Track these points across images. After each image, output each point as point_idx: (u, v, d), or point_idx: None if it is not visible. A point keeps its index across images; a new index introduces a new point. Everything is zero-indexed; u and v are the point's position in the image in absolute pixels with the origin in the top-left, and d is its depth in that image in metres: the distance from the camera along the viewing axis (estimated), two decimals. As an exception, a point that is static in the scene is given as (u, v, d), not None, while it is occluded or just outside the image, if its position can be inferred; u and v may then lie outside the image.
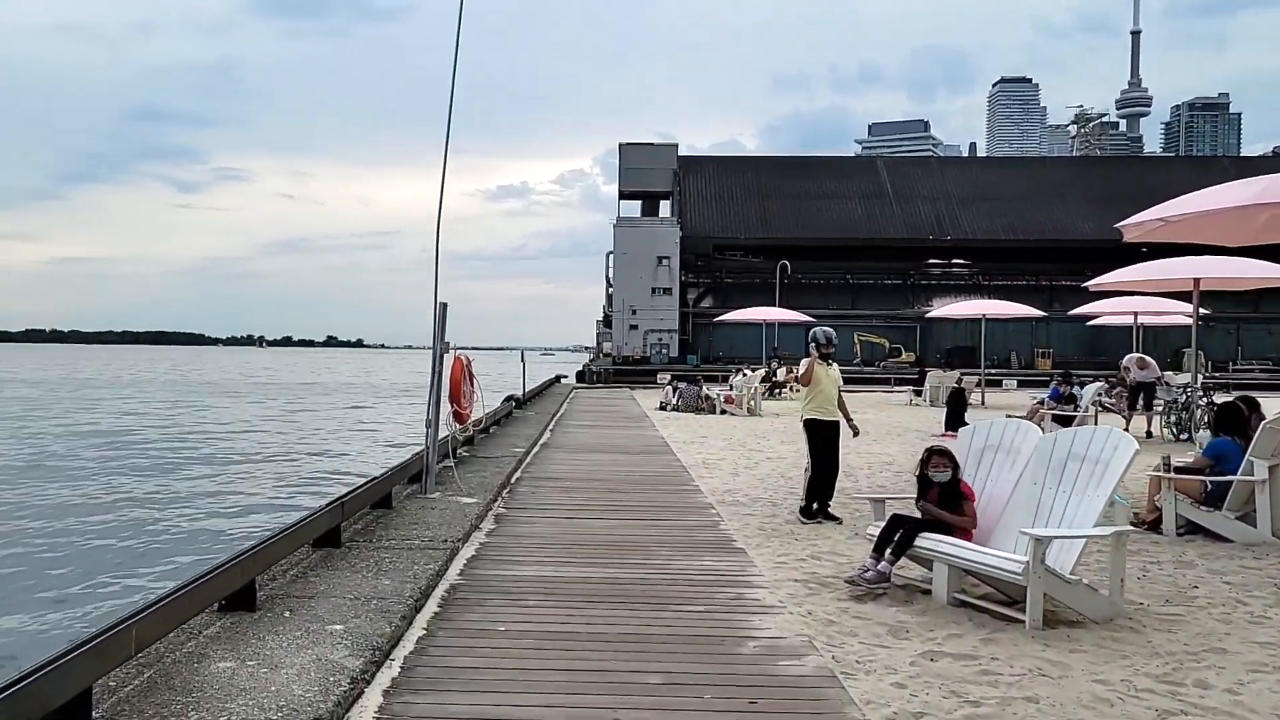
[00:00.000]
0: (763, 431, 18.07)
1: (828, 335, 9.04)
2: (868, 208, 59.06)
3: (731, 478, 11.85)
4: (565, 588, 6.30)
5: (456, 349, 9.40)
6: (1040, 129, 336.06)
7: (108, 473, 20.37)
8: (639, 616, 5.68)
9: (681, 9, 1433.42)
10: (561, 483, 11.07)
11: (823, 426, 8.96)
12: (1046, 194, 60.11)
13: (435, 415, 9.16)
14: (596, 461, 13.11)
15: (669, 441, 15.85)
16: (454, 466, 10.09)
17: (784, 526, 8.69)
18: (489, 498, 9.26)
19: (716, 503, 9.91)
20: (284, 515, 13.86)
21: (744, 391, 21.87)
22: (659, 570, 6.86)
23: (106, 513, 15.35)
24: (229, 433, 30.74)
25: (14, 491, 17.62)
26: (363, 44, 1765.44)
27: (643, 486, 10.95)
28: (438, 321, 9.18)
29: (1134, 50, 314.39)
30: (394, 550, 6.82)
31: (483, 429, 10.16)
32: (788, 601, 6.10)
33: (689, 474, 12.03)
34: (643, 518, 8.95)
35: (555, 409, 22.30)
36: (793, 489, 10.99)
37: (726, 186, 58.94)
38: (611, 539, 7.89)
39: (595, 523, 8.62)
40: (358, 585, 5.85)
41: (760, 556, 7.37)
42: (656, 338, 52.56)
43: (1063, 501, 5.91)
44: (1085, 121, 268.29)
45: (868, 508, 9.71)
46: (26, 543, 13.00)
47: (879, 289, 58.52)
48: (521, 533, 8.08)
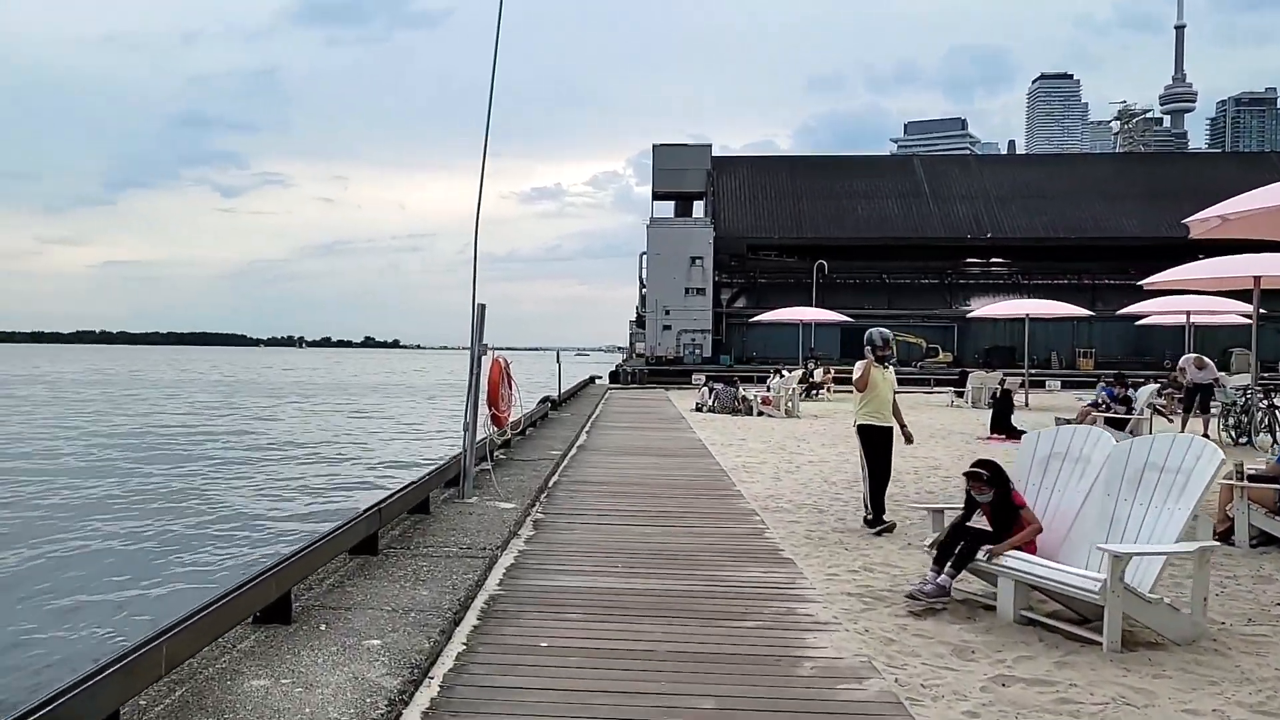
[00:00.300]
0: (802, 434, 17.71)
1: (884, 336, 8.64)
2: (904, 207, 58.28)
3: (773, 482, 11.53)
4: (608, 600, 6.04)
5: (494, 350, 9.19)
6: (1082, 126, 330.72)
7: (134, 475, 20.34)
8: (687, 632, 5.40)
9: (715, 10, 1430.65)
10: (600, 487, 10.82)
11: (877, 432, 8.60)
12: (1088, 191, 58.92)
13: (473, 418, 8.94)
14: (634, 464, 12.84)
15: (706, 444, 15.55)
16: (491, 470, 9.88)
17: (831, 535, 8.37)
18: (527, 502, 9.03)
19: (760, 509, 9.60)
20: (320, 521, 13.72)
21: (781, 393, 21.51)
22: (705, 581, 6.57)
23: (137, 518, 15.22)
24: (268, 434, 30.78)
25: (56, 492, 17.69)
26: (399, 50, 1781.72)
27: (683, 491, 10.67)
28: (476, 322, 8.97)
29: (1178, 45, 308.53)
30: (432, 558, 6.60)
31: (519, 431, 9.97)
32: (842, 617, 5.80)
33: (729, 478, 11.73)
34: (684, 524, 8.67)
35: (591, 410, 22.09)
36: (838, 495, 10.67)
37: (760, 186, 58.46)
38: (653, 547, 7.62)
39: (636, 529, 8.36)
40: (395, 596, 5.63)
41: (810, 567, 7.07)
42: (690, 338, 52.23)
43: (1140, 514, 5.55)
44: (1129, 118, 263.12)
45: (918, 516, 9.40)
46: (58, 548, 12.88)
47: (916, 289, 57.80)
48: (561, 540, 7.83)
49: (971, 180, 60.46)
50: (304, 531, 12.90)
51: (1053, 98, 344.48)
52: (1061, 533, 6.03)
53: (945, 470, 12.71)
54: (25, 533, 13.90)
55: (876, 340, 8.60)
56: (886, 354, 8.62)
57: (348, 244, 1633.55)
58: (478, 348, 8.91)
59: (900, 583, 6.68)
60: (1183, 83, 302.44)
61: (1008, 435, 17.01)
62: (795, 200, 57.69)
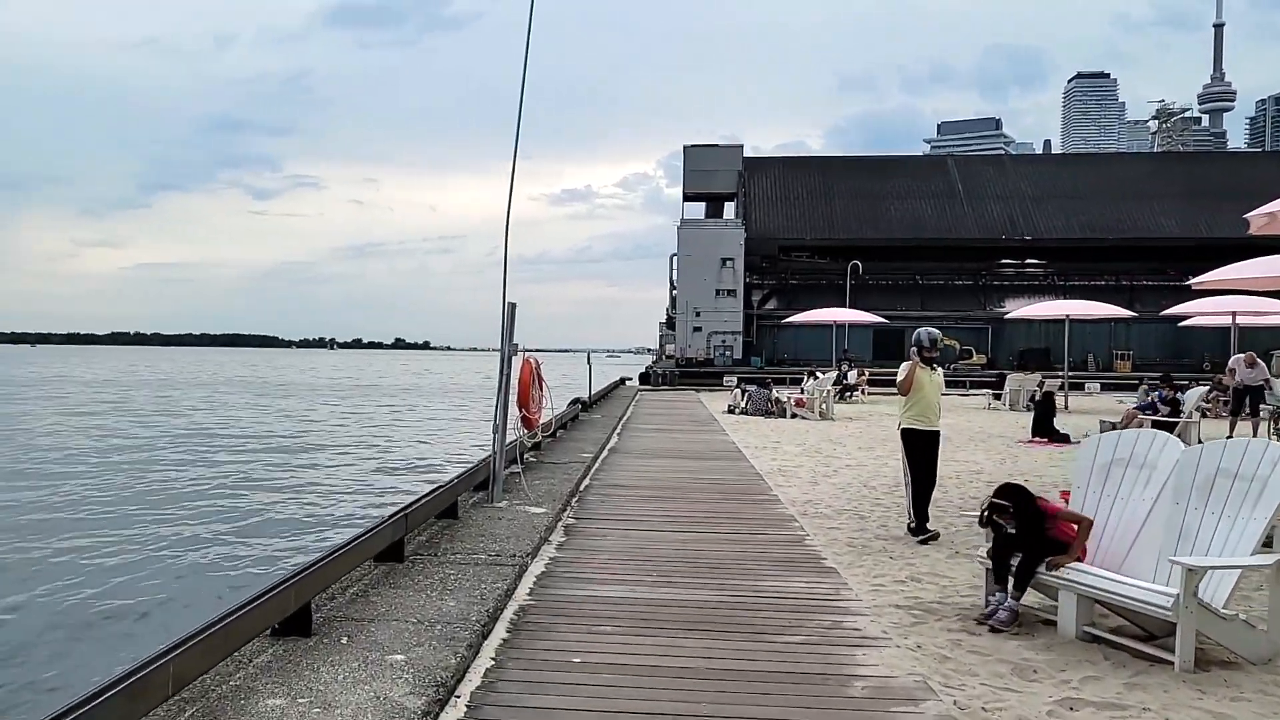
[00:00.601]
0: (838, 436, 17.33)
1: (932, 337, 8.24)
2: (937, 207, 57.55)
3: (811, 486, 11.18)
4: (643, 611, 5.75)
5: (524, 350, 8.94)
6: (1118, 125, 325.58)
7: (170, 472, 20.37)
8: (728, 648, 5.09)
9: (746, 10, 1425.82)
10: (632, 490, 10.53)
11: (922, 437, 8.23)
12: (1126, 191, 57.95)
13: (503, 420, 8.69)
14: (667, 467, 12.54)
15: (740, 446, 15.22)
16: (521, 473, 9.62)
17: (875, 543, 8.02)
18: (558, 507, 8.77)
19: (798, 514, 9.27)
20: (345, 526, 13.47)
21: (816, 395, 21.10)
22: (745, 592, 6.26)
23: (156, 524, 14.97)
24: (296, 434, 30.70)
25: (71, 491, 17.66)
26: (431, 53, 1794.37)
27: (717, 495, 10.36)
28: (506, 322, 8.72)
29: (1217, 43, 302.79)
30: (460, 566, 6.34)
31: (550, 433, 9.73)
32: (892, 632, 5.47)
33: (765, 482, 11.40)
34: (721, 531, 8.36)
35: (621, 412, 21.81)
36: (879, 500, 10.32)
37: (792, 187, 57.94)
38: (689, 555, 7.32)
39: (670, 535, 8.06)
40: (421, 607, 5.37)
41: (854, 577, 6.74)
42: (720, 340, 51.85)
43: (1211, 524, 5.17)
44: (1167, 117, 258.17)
45: (963, 523, 9.02)
46: (71, 553, 12.59)
47: (949, 290, 57.00)
48: (593, 547, 7.55)
49: (1006, 180, 59.61)
50: (327, 536, 12.70)
51: (1089, 97, 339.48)
52: (1125, 544, 5.66)
53: (988, 475, 12.29)
54: (38, 532, 13.77)
55: (924, 341, 8.21)
56: (934, 356, 8.24)
57: (379, 246, 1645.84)
58: (508, 348, 8.66)
59: (950, 594, 6.34)
60: (1221, 81, 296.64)
61: (1050, 439, 16.53)
62: (827, 201, 57.13)
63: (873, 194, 57.41)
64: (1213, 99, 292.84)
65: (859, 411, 23.78)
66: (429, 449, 26.84)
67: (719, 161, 55.68)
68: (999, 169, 63.34)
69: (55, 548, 12.74)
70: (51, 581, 10.89)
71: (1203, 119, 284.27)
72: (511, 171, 8.69)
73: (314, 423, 36.23)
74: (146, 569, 11.64)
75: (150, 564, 11.87)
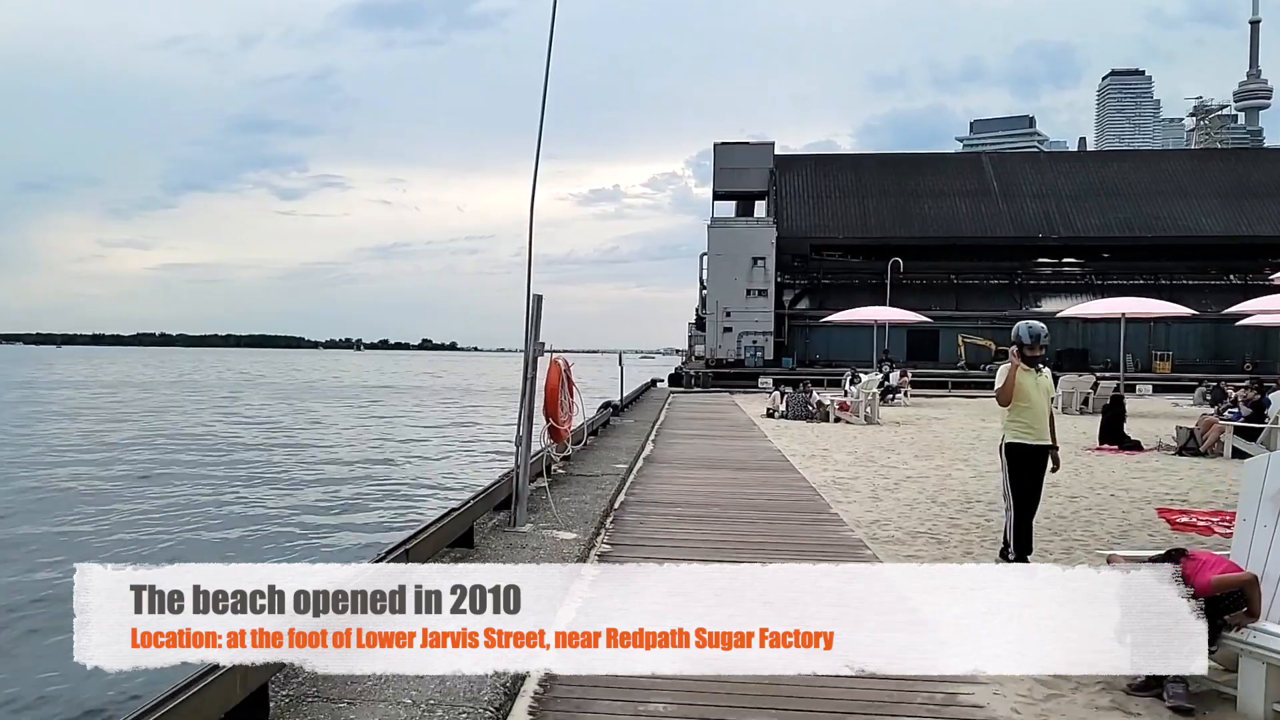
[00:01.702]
0: (889, 444, 15.93)
1: (1034, 333, 6.77)
2: (972, 205, 55.82)
3: (873, 503, 9.83)
4: (703, 683, 4.45)
5: (551, 351, 7.68)
6: (1154, 123, 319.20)
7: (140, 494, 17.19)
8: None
9: (775, 9, 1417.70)
10: (674, 509, 9.22)
11: (1032, 453, 6.80)
12: (1165, 189, 56.03)
13: (527, 431, 7.44)
14: (709, 480, 11.23)
15: (786, 454, 13.88)
16: (548, 490, 8.36)
17: (967, 578, 6.67)
18: (590, 531, 7.49)
19: (867, 539, 7.93)
20: (335, 558, 11.38)
21: (861, 398, 19.68)
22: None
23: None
24: (306, 442, 28.10)
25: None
26: (457, 52, 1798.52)
27: (771, 515, 9.02)
28: (531, 317, 7.47)
29: (1253, 40, 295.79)
30: (472, 614, 5.08)
31: (580, 442, 8.51)
32: (1026, 712, 4.15)
33: (822, 497, 10.06)
34: (782, 559, 7.04)
35: (655, 416, 20.50)
36: (954, 520, 8.94)
37: (824, 185, 56.38)
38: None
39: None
40: (418, 680, 4.12)
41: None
42: (751, 340, 50.45)
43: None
44: (1205, 114, 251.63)
45: (1059, 548, 7.66)
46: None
47: (985, 289, 55.21)
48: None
49: (1043, 178, 57.72)
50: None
51: (1124, 95, 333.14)
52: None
53: (1066, 489, 10.88)
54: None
55: (1024, 337, 6.73)
56: (1038, 355, 6.77)
57: (405, 246, 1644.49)
58: (533, 347, 7.41)
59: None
60: (1258, 78, 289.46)
61: (1120, 446, 15.04)
62: (860, 199, 55.54)
63: (906, 192, 55.78)
64: (1249, 96, 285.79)
65: (904, 415, 22.33)
66: (449, 463, 23.68)
67: (749, 159, 54.24)
68: (1035, 166, 61.43)
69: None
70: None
71: (1239, 116, 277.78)
72: (536, 154, 7.46)
73: (328, 429, 33.47)
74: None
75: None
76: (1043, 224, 54.60)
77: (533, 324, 7.49)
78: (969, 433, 18.26)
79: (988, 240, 53.62)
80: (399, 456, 23.98)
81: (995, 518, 8.74)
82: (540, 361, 7.50)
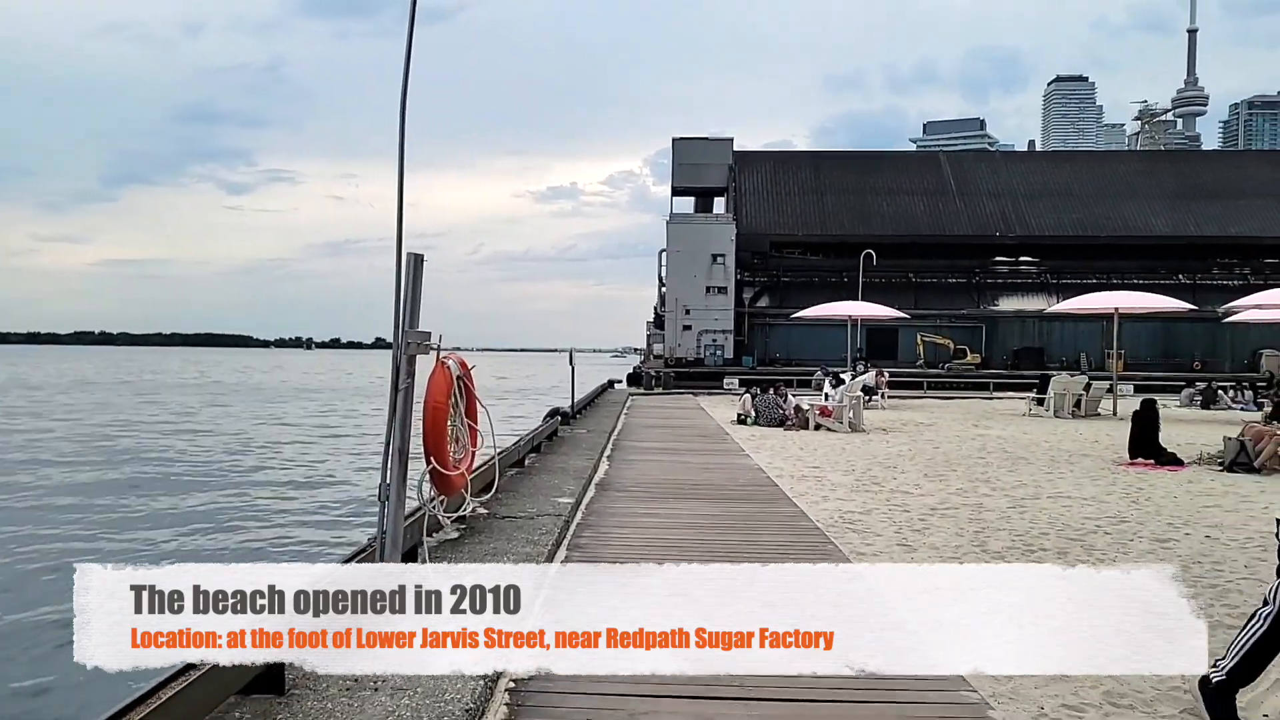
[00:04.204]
0: (886, 458, 13.02)
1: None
2: (930, 204, 53.76)
3: (906, 555, 6.88)
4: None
5: (440, 348, 4.60)
6: (1096, 128, 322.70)
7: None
8: None
9: (734, 10, 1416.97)
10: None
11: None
12: (1116, 189, 54.85)
13: (397, 477, 4.36)
14: (683, 517, 8.18)
15: (772, 476, 10.87)
16: (428, 559, 5.24)
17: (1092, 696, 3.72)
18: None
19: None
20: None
21: (845, 402, 16.78)
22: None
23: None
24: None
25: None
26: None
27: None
28: (406, 290, 4.40)
29: (1190, 49, 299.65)
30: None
31: (488, 490, 5.41)
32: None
33: (834, 546, 7.06)
34: (810, 695, 4.04)
35: (611, 425, 17.35)
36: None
37: (784, 182, 53.80)
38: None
39: (731, 696, 3.73)
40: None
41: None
42: (711, 339, 47.67)
43: None
44: (1150, 117, 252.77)
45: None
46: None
47: (942, 288, 53.08)
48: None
49: (998, 177, 55.92)
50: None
51: (1068, 100, 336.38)
52: None
53: (1139, 522, 8.03)
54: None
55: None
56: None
57: (358, 243, 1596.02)
58: (407, 341, 4.34)
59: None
60: (1195, 86, 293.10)
61: (1156, 460, 12.30)
62: (819, 197, 53.08)
63: (865, 190, 53.54)
64: (1186, 103, 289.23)
65: (886, 420, 19.51)
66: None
67: (709, 155, 51.45)
68: (991, 166, 59.58)
69: None
70: None
71: (1178, 122, 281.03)
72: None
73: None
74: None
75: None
76: (999, 223, 52.78)
77: (407, 302, 4.41)
78: (970, 442, 15.45)
79: (945, 239, 51.69)
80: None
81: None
82: (421, 363, 4.42)
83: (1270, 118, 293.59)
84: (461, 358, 4.63)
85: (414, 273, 4.46)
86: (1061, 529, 7.81)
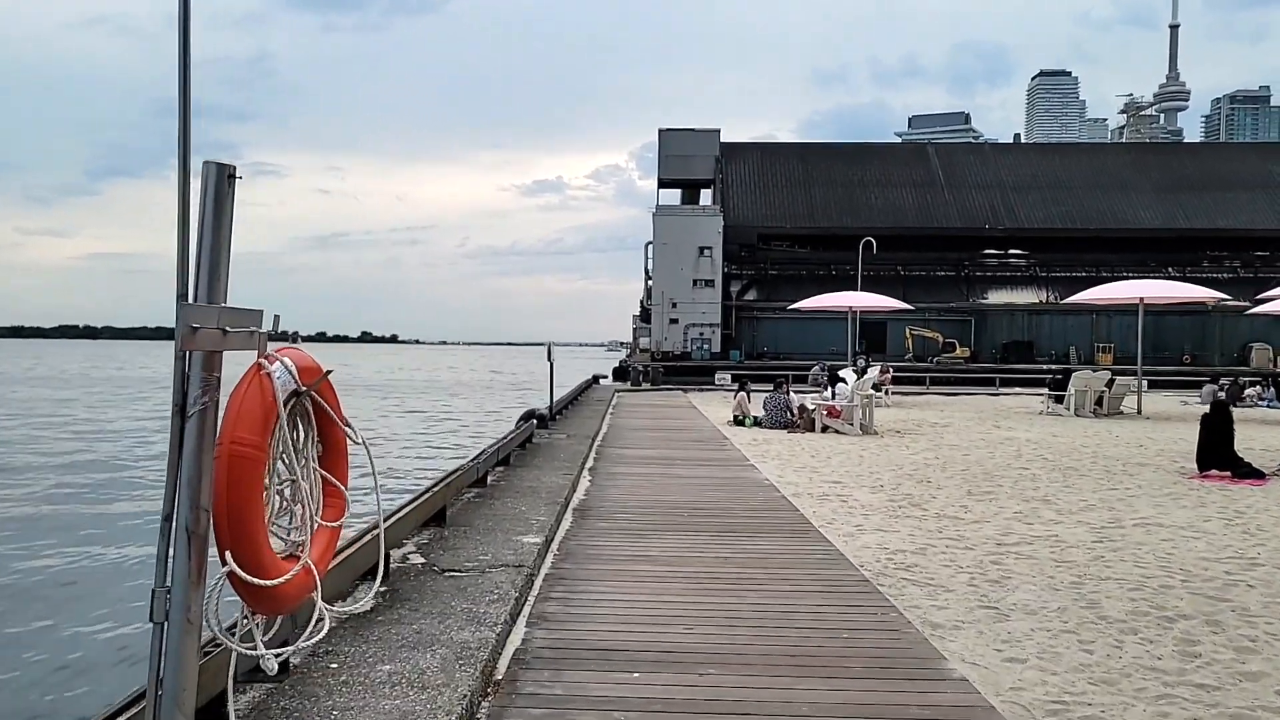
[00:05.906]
0: (913, 468, 10.96)
1: None
2: (919, 196, 51.97)
3: (995, 628, 4.81)
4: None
5: (277, 336, 2.46)
6: (1079, 122, 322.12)
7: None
8: None
9: (719, 4, 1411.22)
10: (627, 660, 4.10)
11: None
12: (1104, 182, 53.45)
13: (186, 574, 2.25)
14: (687, 561, 6.10)
15: (787, 495, 8.81)
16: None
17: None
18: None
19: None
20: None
21: (855, 400, 14.73)
22: None
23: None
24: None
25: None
26: (398, 38, 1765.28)
27: (825, 674, 3.95)
28: (200, 209, 2.28)
29: (1172, 43, 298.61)
30: None
31: (476, 480, 3.65)
32: None
33: (901, 614, 4.99)
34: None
35: (595, 428, 15.22)
36: (1188, 680, 3.94)
37: (771, 174, 51.76)
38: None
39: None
40: None
41: None
42: (698, 332, 45.65)
43: None
44: (1135, 110, 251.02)
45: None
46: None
47: (931, 280, 51.30)
48: None
49: (986, 169, 54.24)
50: None
51: (1052, 94, 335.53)
52: None
53: (1267, 566, 6.02)
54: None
55: None
56: None
57: (344, 236, 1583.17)
58: (187, 316, 2.22)
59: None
60: (1176, 80, 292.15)
61: (1234, 472, 10.30)
62: (807, 189, 51.13)
63: (853, 182, 51.67)
64: (1168, 97, 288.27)
65: (895, 419, 17.50)
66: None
67: (696, 146, 49.34)
68: (979, 158, 57.76)
69: None
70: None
71: (1160, 117, 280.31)
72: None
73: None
74: None
75: None
76: (988, 215, 51.08)
77: (198, 244, 2.30)
78: (1000, 447, 13.40)
79: (934, 231, 49.96)
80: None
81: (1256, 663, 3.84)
82: (223, 364, 2.33)
83: (1252, 112, 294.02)
84: (306, 354, 2.52)
85: (217, 195, 2.35)
86: (1185, 578, 5.78)
